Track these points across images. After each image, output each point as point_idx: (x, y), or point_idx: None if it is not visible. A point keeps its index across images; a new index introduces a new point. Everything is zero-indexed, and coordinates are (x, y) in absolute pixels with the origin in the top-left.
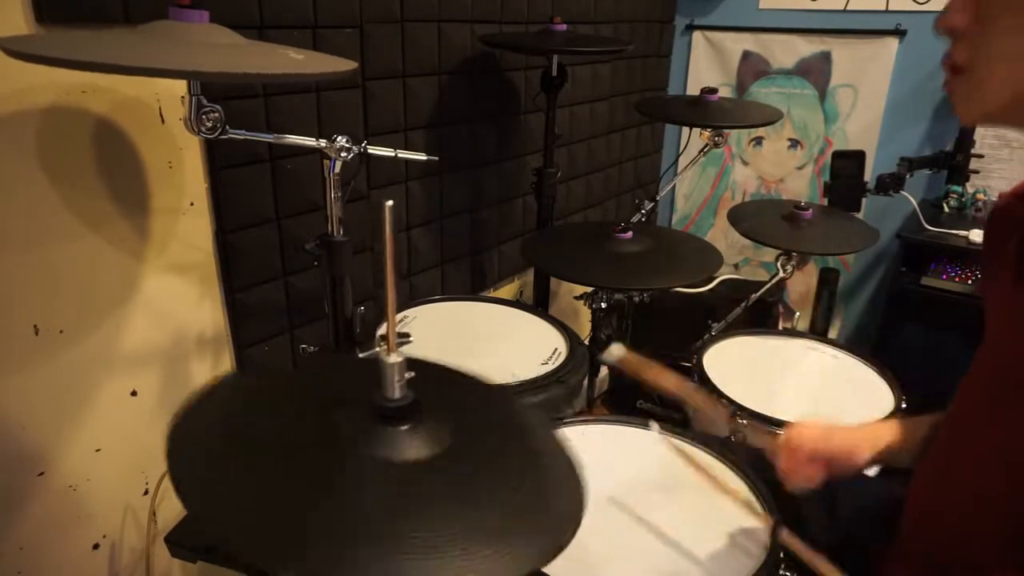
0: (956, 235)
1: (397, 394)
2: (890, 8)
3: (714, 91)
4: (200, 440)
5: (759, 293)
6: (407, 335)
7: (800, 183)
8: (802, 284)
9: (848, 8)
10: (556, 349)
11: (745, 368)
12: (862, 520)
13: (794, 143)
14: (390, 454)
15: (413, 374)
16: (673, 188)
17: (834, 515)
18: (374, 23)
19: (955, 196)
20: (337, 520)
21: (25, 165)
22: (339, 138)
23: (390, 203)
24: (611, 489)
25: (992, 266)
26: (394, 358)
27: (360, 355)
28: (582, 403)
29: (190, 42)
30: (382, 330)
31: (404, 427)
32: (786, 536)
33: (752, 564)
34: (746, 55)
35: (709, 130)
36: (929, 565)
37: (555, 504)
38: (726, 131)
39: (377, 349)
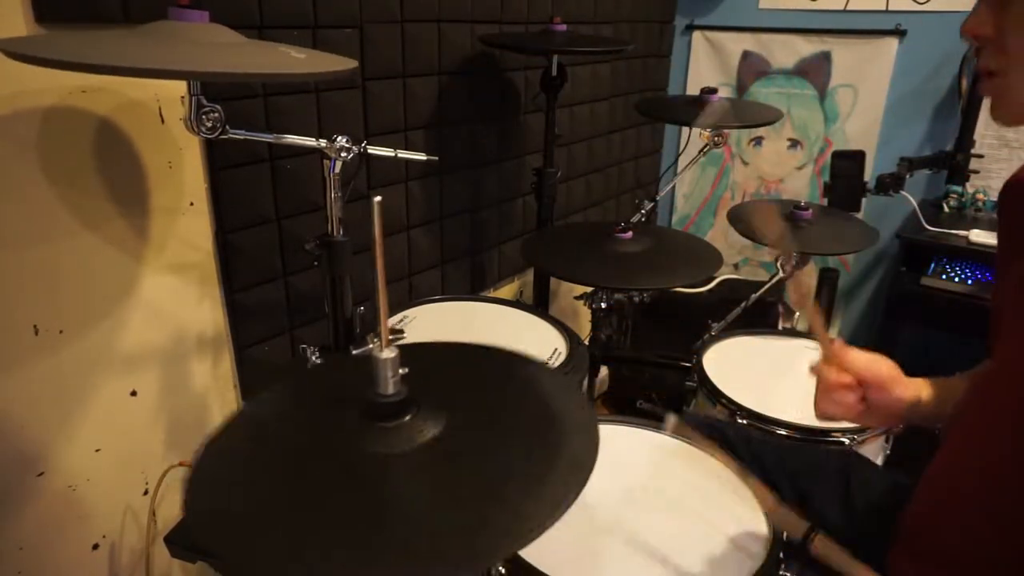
0: (956, 235)
1: (391, 390)
2: (890, 8)
3: (714, 91)
4: (216, 464)
5: (759, 293)
6: (400, 331)
7: (800, 183)
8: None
9: (848, 8)
10: (556, 349)
11: (745, 368)
12: (873, 506)
13: (794, 143)
14: (389, 450)
15: (407, 369)
16: (673, 188)
17: (847, 501)
18: (374, 23)
19: (955, 196)
20: (340, 520)
21: (25, 165)
22: (339, 138)
23: (378, 199)
24: (611, 488)
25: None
26: (387, 354)
27: (353, 352)
28: None
29: (190, 42)
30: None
31: (401, 421)
32: (820, 545)
33: (753, 564)
34: (746, 55)
35: (709, 130)
36: (936, 561)
37: (563, 464)
38: (726, 131)
39: (370, 346)
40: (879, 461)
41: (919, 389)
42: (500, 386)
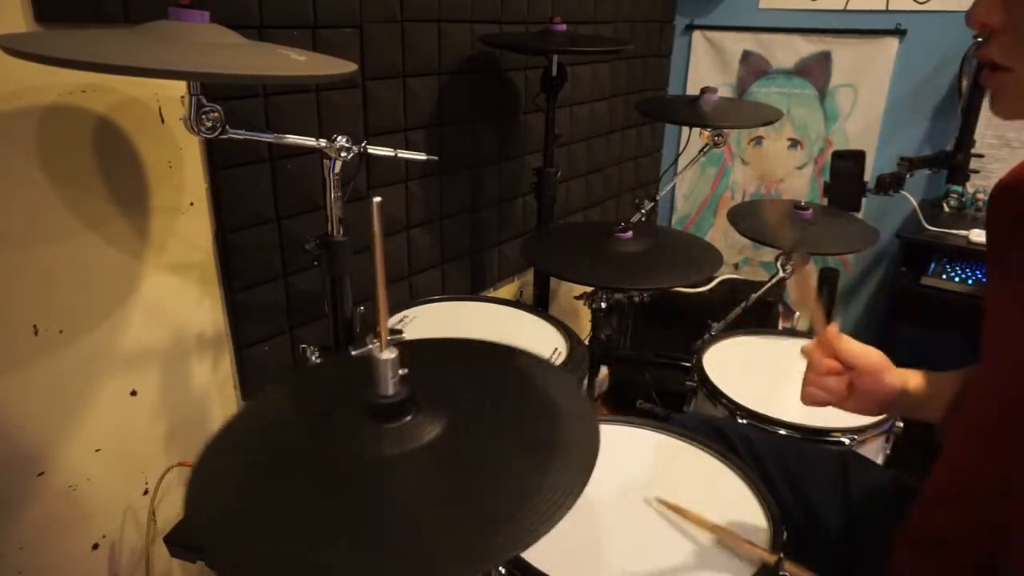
0: (956, 235)
1: (391, 391)
2: (890, 8)
3: (714, 91)
4: (217, 464)
5: (759, 293)
6: (400, 332)
7: (800, 183)
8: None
9: (848, 8)
10: (556, 349)
11: (745, 368)
12: (872, 505)
13: (794, 143)
14: (388, 451)
15: (407, 370)
16: (673, 188)
17: (846, 501)
18: (374, 23)
19: (955, 196)
20: (339, 520)
21: (25, 165)
22: (339, 138)
23: (378, 199)
24: (611, 488)
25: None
26: (387, 355)
27: (352, 353)
28: None
29: (190, 42)
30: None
31: (401, 422)
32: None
33: (754, 564)
34: (746, 55)
35: (709, 130)
36: (940, 550)
37: (564, 464)
38: (726, 131)
39: (370, 346)
40: (879, 461)
41: (906, 379)
42: (500, 382)
